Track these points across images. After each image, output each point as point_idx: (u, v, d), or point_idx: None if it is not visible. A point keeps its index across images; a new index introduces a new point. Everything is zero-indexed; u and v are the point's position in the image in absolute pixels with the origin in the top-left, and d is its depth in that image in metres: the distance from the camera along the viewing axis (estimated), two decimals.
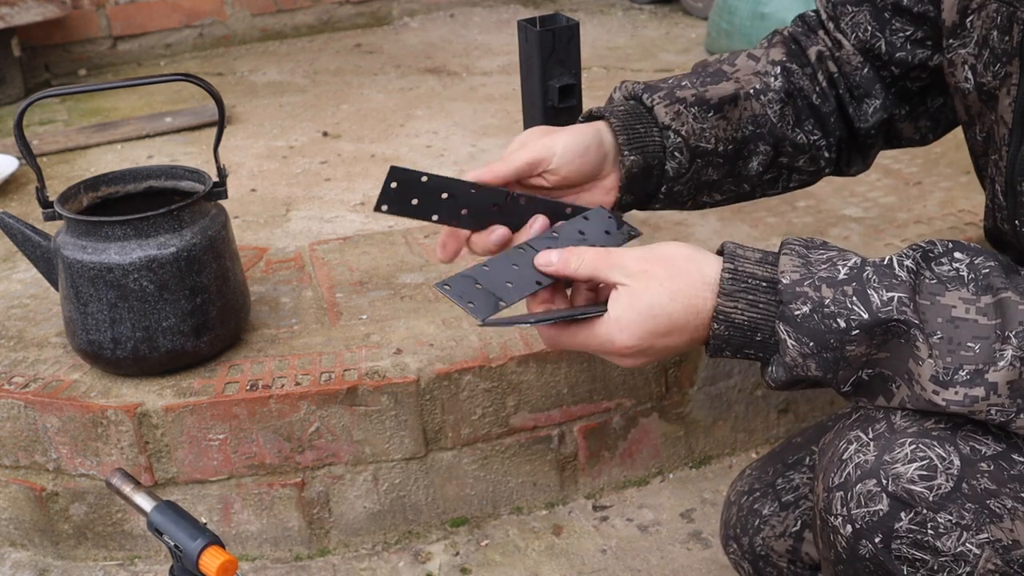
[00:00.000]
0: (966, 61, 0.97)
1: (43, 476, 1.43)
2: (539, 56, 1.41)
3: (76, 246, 1.32)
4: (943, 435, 0.80)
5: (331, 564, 1.45)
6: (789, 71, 1.12)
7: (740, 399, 1.61)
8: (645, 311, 0.85)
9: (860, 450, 0.82)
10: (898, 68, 1.10)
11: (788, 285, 0.82)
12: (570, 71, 1.42)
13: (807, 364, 0.82)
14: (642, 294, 0.85)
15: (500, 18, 3.79)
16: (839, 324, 0.80)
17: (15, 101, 3.02)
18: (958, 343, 0.78)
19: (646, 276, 0.86)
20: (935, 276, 0.82)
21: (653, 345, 0.87)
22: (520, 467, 1.51)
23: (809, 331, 0.81)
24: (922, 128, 1.16)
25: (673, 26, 3.55)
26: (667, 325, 0.85)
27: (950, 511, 0.78)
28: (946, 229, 1.72)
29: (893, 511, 0.79)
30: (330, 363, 1.42)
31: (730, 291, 0.84)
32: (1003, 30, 0.92)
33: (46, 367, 1.44)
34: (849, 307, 0.80)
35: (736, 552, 1.16)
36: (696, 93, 1.07)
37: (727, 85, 1.09)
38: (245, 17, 3.58)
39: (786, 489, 1.12)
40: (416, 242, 1.78)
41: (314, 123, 2.68)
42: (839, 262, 0.83)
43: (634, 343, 0.86)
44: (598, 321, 0.87)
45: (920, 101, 1.14)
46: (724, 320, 0.85)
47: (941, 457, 0.79)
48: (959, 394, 0.78)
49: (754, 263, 0.85)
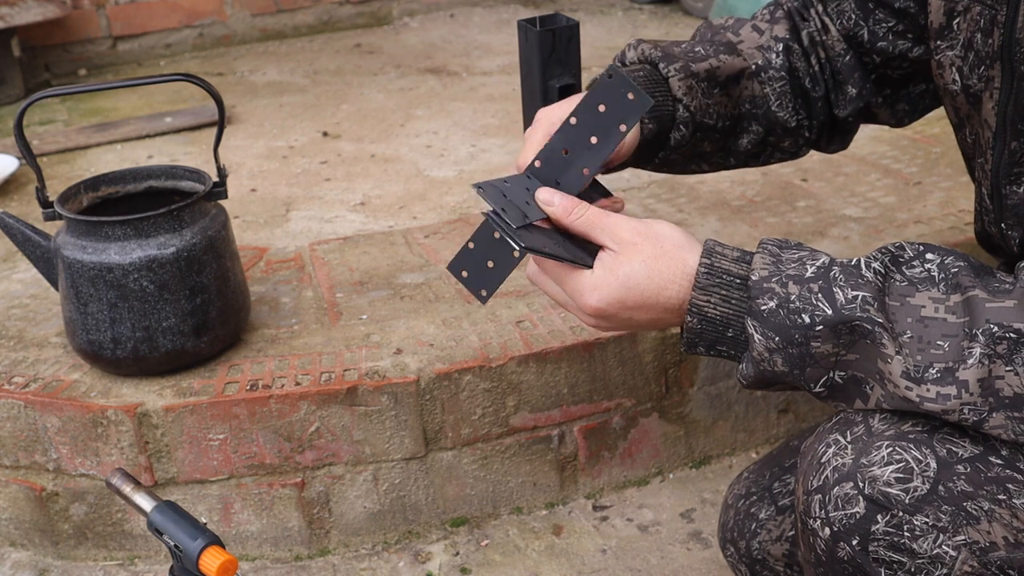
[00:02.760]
0: (953, 63, 0.98)
1: (43, 476, 1.43)
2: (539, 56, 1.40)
3: (76, 246, 1.32)
4: (920, 437, 0.80)
5: (331, 564, 1.45)
6: (790, 50, 1.15)
7: (740, 399, 1.61)
8: (621, 279, 0.87)
9: (838, 453, 0.82)
10: (879, 56, 1.12)
11: (756, 281, 0.84)
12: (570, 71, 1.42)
13: (773, 359, 0.83)
14: (624, 263, 0.87)
15: (500, 18, 3.79)
16: (803, 320, 0.81)
17: (15, 101, 3.02)
18: (928, 341, 0.79)
19: (634, 248, 0.88)
20: (905, 278, 0.82)
21: (618, 314, 0.89)
22: (520, 467, 1.51)
23: (774, 326, 0.82)
24: (899, 112, 1.18)
25: (673, 26, 3.55)
26: (637, 299, 0.87)
27: (926, 513, 0.78)
28: (946, 229, 1.72)
29: (870, 514, 0.79)
30: (330, 363, 1.42)
31: (704, 285, 0.86)
32: (986, 33, 0.92)
33: (46, 367, 1.44)
34: (814, 303, 0.81)
35: (734, 555, 1.16)
36: (708, 68, 1.11)
37: (736, 61, 1.13)
38: (245, 17, 3.58)
39: (783, 493, 1.12)
40: (416, 242, 1.78)
41: (314, 123, 2.68)
42: (808, 261, 0.84)
43: (601, 306, 0.88)
44: (578, 272, 0.89)
45: (902, 86, 1.16)
46: (697, 313, 0.86)
47: (917, 459, 0.79)
48: (931, 392, 0.78)
49: (730, 260, 0.87)
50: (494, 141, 2.45)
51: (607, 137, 0.93)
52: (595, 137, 0.93)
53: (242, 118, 2.75)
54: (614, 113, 0.92)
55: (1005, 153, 0.94)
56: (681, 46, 1.14)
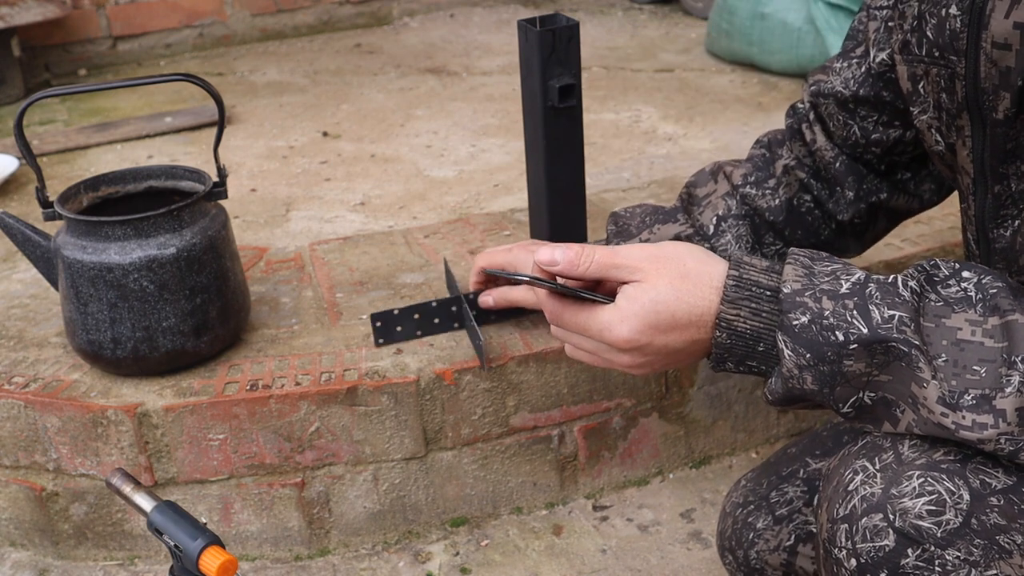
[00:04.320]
0: (930, 125, 0.98)
1: (43, 476, 1.43)
2: (539, 56, 1.41)
3: (76, 246, 1.32)
4: (952, 467, 0.78)
5: (331, 564, 1.45)
6: (744, 196, 1.21)
7: (740, 399, 1.61)
8: (649, 305, 0.85)
9: (866, 481, 0.80)
10: (879, 148, 1.13)
11: (788, 295, 0.82)
12: (570, 71, 1.42)
13: (803, 376, 0.81)
14: (648, 289, 0.85)
15: (500, 18, 3.79)
16: (837, 337, 0.79)
17: (15, 101, 3.02)
18: (963, 366, 0.77)
19: (655, 273, 0.86)
20: (941, 298, 0.80)
21: (652, 342, 0.86)
22: (520, 467, 1.51)
23: (806, 342, 0.80)
24: (924, 192, 1.18)
25: (673, 26, 3.55)
26: (669, 321, 0.85)
27: (958, 547, 0.76)
28: (946, 229, 1.72)
29: (900, 547, 0.77)
30: (330, 363, 1.42)
31: (733, 298, 0.84)
32: (948, 91, 0.92)
33: (46, 367, 1.44)
34: (849, 320, 0.79)
35: (732, 563, 1.16)
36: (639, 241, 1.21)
37: (669, 229, 1.22)
38: (245, 17, 3.58)
39: (780, 502, 1.12)
40: (416, 242, 1.78)
41: (314, 123, 2.68)
42: (842, 275, 0.82)
43: (633, 336, 0.85)
44: (600, 309, 0.87)
45: (920, 167, 1.16)
46: (726, 327, 0.84)
47: (950, 491, 0.77)
48: (967, 419, 0.76)
49: (759, 271, 0.84)
50: (494, 141, 2.45)
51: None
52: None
53: (242, 118, 2.75)
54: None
55: (989, 197, 0.93)
56: (638, 216, 1.25)
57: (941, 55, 0.91)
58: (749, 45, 2.87)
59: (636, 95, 2.79)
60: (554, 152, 1.49)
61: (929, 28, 0.92)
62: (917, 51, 0.95)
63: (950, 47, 0.90)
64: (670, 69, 3.04)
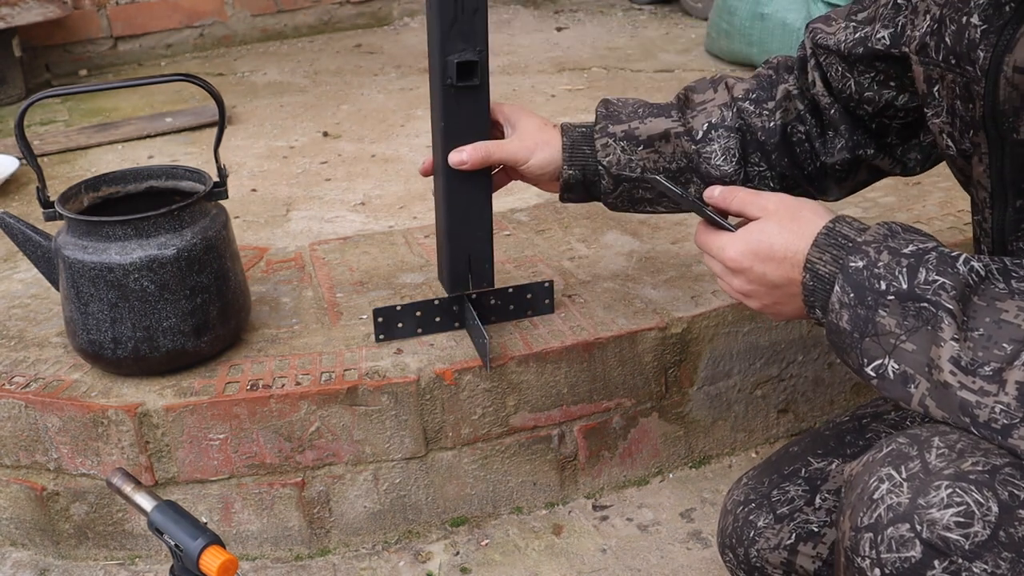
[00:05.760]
0: (943, 130, 1.00)
1: (44, 476, 1.43)
2: (439, 26, 1.23)
3: (77, 246, 1.32)
4: (981, 479, 0.77)
5: (331, 564, 1.45)
6: (741, 110, 1.23)
7: (740, 399, 1.61)
8: (756, 233, 0.95)
9: (893, 491, 0.79)
10: (870, 106, 1.15)
11: (860, 243, 0.88)
12: (473, 47, 1.25)
13: (841, 313, 0.86)
14: (762, 224, 0.96)
15: (500, 18, 3.79)
16: (880, 285, 0.84)
17: (16, 101, 3.03)
18: (995, 341, 0.78)
19: (775, 214, 0.96)
20: (1008, 288, 0.81)
21: (753, 267, 0.95)
22: (520, 467, 1.51)
23: (854, 283, 0.86)
24: (909, 160, 1.21)
25: (673, 26, 3.55)
26: (767, 251, 0.94)
27: (986, 560, 0.75)
28: (945, 229, 1.72)
29: (926, 559, 0.76)
30: (330, 363, 1.42)
31: (821, 244, 0.91)
32: (964, 100, 0.94)
33: (47, 367, 1.45)
34: (895, 275, 0.84)
35: (732, 561, 1.16)
36: (626, 130, 1.25)
37: (659, 122, 1.25)
38: (245, 17, 3.59)
39: (781, 501, 1.12)
40: (416, 242, 1.78)
41: (314, 123, 2.68)
42: (915, 241, 0.86)
43: (736, 256, 0.96)
44: (720, 233, 0.99)
45: (910, 135, 1.18)
46: (810, 269, 0.91)
47: (979, 503, 0.76)
48: (976, 384, 0.78)
49: (852, 228, 0.91)
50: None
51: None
52: None
53: (242, 118, 2.75)
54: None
55: (1009, 211, 0.95)
56: (629, 107, 1.28)
57: (958, 63, 0.93)
58: (749, 45, 2.87)
59: (636, 95, 2.78)
60: (452, 136, 1.29)
61: (948, 34, 0.94)
62: (934, 55, 0.97)
63: (966, 57, 0.91)
64: (670, 69, 3.04)
